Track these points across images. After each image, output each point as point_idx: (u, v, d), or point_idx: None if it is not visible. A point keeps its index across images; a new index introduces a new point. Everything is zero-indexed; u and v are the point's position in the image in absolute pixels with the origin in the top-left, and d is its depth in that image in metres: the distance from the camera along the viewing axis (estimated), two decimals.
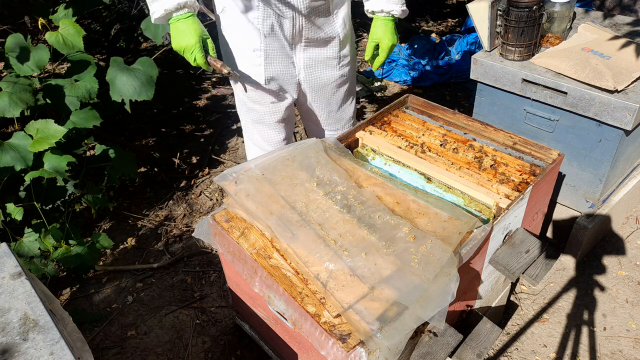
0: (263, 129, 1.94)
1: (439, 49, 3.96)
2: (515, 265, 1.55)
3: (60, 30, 2.19)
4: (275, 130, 1.94)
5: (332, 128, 2.06)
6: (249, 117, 1.94)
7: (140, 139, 3.32)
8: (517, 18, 1.92)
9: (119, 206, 2.77)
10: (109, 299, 2.27)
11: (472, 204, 1.58)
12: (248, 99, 1.86)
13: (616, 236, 2.40)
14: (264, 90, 1.80)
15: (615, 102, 1.77)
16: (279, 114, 1.89)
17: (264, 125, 1.93)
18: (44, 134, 2.05)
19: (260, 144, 2.00)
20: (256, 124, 1.94)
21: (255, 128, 1.95)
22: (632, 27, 2.17)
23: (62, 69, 3.22)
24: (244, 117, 1.97)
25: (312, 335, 1.25)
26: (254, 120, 1.92)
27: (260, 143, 2.00)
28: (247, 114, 1.92)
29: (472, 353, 1.50)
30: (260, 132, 1.96)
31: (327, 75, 1.85)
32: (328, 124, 2.04)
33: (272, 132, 1.95)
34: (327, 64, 1.82)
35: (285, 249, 1.36)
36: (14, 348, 1.01)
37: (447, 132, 1.84)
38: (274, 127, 1.93)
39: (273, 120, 1.91)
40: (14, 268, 1.17)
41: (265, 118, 1.90)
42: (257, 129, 1.95)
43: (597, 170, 1.98)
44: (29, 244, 2.13)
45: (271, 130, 1.94)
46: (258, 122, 1.92)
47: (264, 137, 1.97)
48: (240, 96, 1.89)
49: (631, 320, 2.04)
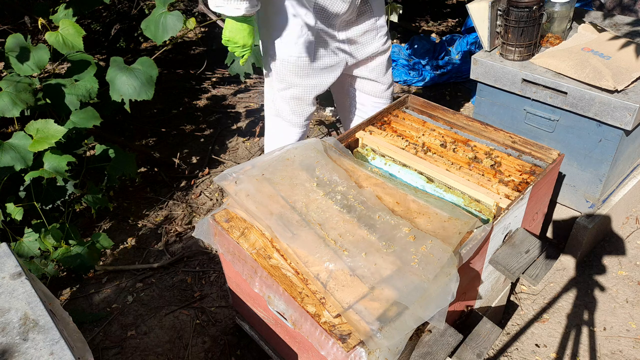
0: (298, 104, 1.98)
1: (439, 49, 3.96)
2: (515, 265, 1.55)
3: (60, 30, 2.19)
4: (310, 106, 2.01)
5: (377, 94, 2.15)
6: (287, 94, 1.95)
7: (140, 139, 3.32)
8: (517, 18, 1.92)
9: (119, 206, 2.77)
10: (109, 299, 2.27)
11: (472, 204, 1.58)
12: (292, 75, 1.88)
13: (616, 236, 2.40)
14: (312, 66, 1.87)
15: (615, 102, 1.77)
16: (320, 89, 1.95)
17: (300, 100, 1.97)
18: (44, 134, 2.05)
19: (291, 118, 2.03)
20: (293, 100, 1.97)
21: (288, 105, 1.99)
22: (632, 27, 2.17)
23: (62, 69, 3.22)
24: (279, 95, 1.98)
25: (312, 335, 1.25)
26: (292, 96, 1.95)
27: (290, 117, 2.03)
28: (287, 90, 1.94)
29: (472, 353, 1.50)
30: (292, 108, 1.99)
31: (369, 49, 1.94)
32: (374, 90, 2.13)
33: (307, 107, 2.01)
34: (367, 37, 1.91)
35: (285, 249, 1.36)
36: (14, 348, 1.01)
37: (447, 132, 1.84)
38: (310, 103, 2.00)
39: (311, 97, 1.97)
40: (14, 268, 1.17)
41: (304, 95, 1.95)
42: (290, 105, 1.99)
43: (597, 170, 1.98)
44: (29, 244, 2.13)
45: (306, 105, 2.00)
46: (296, 98, 1.96)
47: (296, 111, 2.01)
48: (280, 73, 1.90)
49: (631, 320, 2.04)
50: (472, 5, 2.03)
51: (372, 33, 1.92)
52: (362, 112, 2.23)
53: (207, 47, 4.48)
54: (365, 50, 1.95)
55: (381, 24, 1.93)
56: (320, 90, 1.95)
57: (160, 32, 2.35)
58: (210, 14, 2.52)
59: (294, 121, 2.04)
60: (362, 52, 1.95)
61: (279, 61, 1.87)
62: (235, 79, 3.98)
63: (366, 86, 2.12)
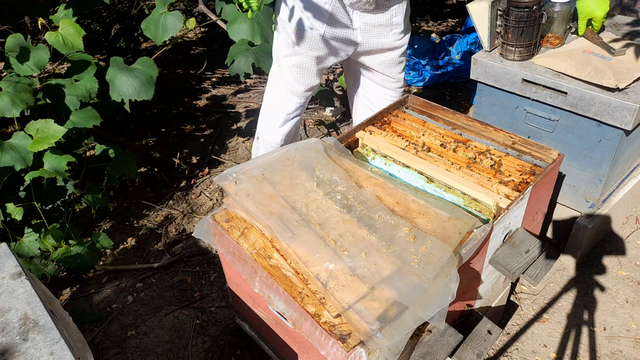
0: (300, 72, 1.99)
1: (439, 49, 3.96)
2: (515, 265, 1.55)
3: (60, 30, 2.19)
4: (313, 77, 2.02)
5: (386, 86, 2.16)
6: (292, 61, 1.96)
7: (140, 139, 3.32)
8: (517, 18, 1.92)
9: (119, 206, 2.77)
10: (109, 299, 2.27)
11: (472, 204, 1.58)
12: (300, 43, 1.90)
13: (616, 236, 2.40)
14: (321, 39, 1.87)
15: (615, 102, 1.77)
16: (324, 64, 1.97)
17: (303, 69, 1.98)
18: (44, 134, 2.05)
19: (293, 85, 2.03)
20: (296, 67, 1.98)
21: (291, 72, 1.99)
22: (632, 27, 2.17)
23: (62, 69, 3.22)
24: (283, 60, 1.99)
25: (312, 335, 1.25)
26: (296, 64, 1.96)
27: (292, 84, 2.03)
28: (291, 57, 1.95)
29: (472, 353, 1.50)
30: (294, 75, 2.00)
31: (381, 41, 1.94)
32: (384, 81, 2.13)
33: (310, 78, 2.02)
34: (381, 30, 1.91)
35: (285, 249, 1.36)
36: (14, 348, 1.01)
37: (447, 132, 1.84)
38: (314, 74, 2.01)
39: (314, 68, 1.98)
40: (14, 268, 1.17)
41: (308, 64, 1.96)
42: (292, 72, 2.00)
43: (597, 170, 1.98)
44: (29, 244, 2.13)
45: (309, 76, 2.01)
46: (299, 66, 1.97)
47: (298, 79, 2.01)
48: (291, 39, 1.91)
49: (631, 320, 2.04)
50: (472, 5, 2.03)
51: (387, 28, 1.92)
52: (370, 103, 2.23)
53: (207, 47, 4.49)
54: (376, 41, 1.95)
55: (397, 21, 1.92)
56: (324, 65, 1.97)
57: (160, 32, 2.36)
58: (210, 14, 2.52)
59: (295, 89, 2.03)
60: (373, 42, 1.95)
61: (290, 28, 1.88)
62: (235, 79, 3.98)
63: (376, 77, 2.13)
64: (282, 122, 2.11)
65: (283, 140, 2.17)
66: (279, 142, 2.17)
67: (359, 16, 1.86)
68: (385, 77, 2.11)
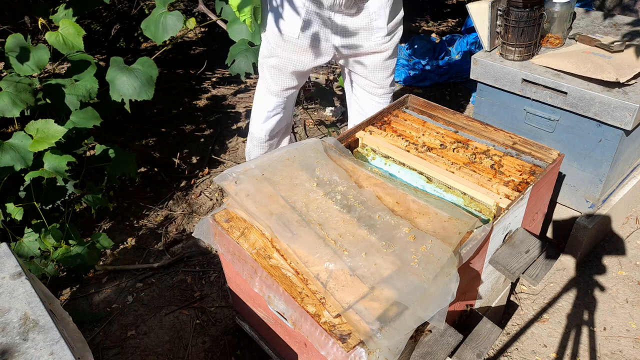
0: (277, 73, 2.04)
1: (439, 49, 3.96)
2: (515, 265, 1.55)
3: (60, 30, 2.19)
4: (289, 79, 2.06)
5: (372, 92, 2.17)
6: (270, 62, 2.02)
7: (140, 139, 3.32)
8: (517, 18, 1.92)
9: (119, 206, 2.77)
10: (109, 299, 2.27)
11: (472, 204, 1.58)
12: (277, 46, 1.95)
13: (616, 236, 2.40)
14: (296, 43, 1.91)
15: (615, 102, 1.77)
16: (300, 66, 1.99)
17: (279, 71, 2.02)
18: (44, 134, 2.05)
19: (270, 85, 2.10)
20: (273, 68, 2.03)
21: (269, 72, 2.06)
22: (632, 27, 2.17)
23: (62, 69, 3.22)
24: (262, 61, 2.06)
25: (312, 335, 1.25)
26: (273, 65, 2.02)
27: (270, 84, 2.10)
28: (269, 59, 2.01)
29: (472, 353, 1.50)
30: (272, 75, 2.06)
31: (362, 45, 1.95)
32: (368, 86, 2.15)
33: (286, 79, 2.06)
34: (361, 34, 1.92)
35: (285, 249, 1.36)
36: (14, 348, 1.01)
37: (447, 132, 1.84)
38: (289, 76, 2.05)
39: (289, 70, 2.01)
40: (14, 268, 1.17)
41: (283, 66, 2.00)
42: (270, 73, 2.06)
43: (597, 170, 1.98)
44: (29, 244, 2.13)
45: (285, 77, 2.05)
46: (276, 67, 2.02)
47: (275, 79, 2.07)
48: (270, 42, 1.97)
49: (631, 320, 2.04)
50: (472, 5, 2.03)
51: (367, 32, 1.92)
52: (360, 109, 2.25)
53: (207, 47, 4.49)
54: (356, 45, 1.95)
55: (379, 25, 1.92)
56: (300, 67, 1.99)
57: (160, 32, 2.35)
58: (210, 13, 2.52)
59: (272, 89, 2.10)
60: (353, 47, 1.95)
61: (269, 31, 1.95)
62: (235, 79, 3.98)
63: (361, 81, 2.15)
64: (263, 119, 2.20)
65: (267, 136, 2.25)
66: (262, 137, 2.25)
67: (340, 20, 1.87)
68: (370, 83, 2.12)
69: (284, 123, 2.27)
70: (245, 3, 1.82)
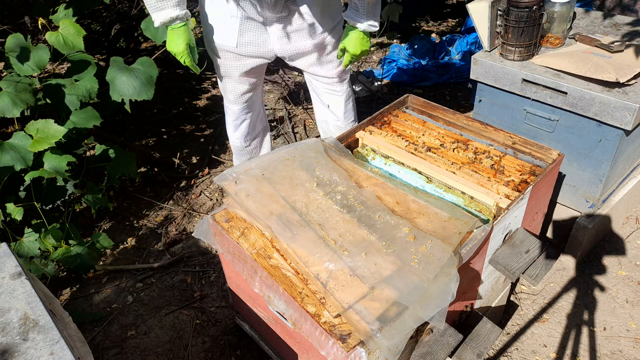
0: (227, 80, 2.09)
1: (439, 49, 3.96)
2: (515, 265, 1.55)
3: (61, 30, 2.19)
4: (238, 83, 2.10)
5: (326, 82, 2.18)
6: (218, 71, 2.09)
7: (140, 139, 3.32)
8: (517, 18, 1.92)
9: (119, 206, 2.77)
10: (109, 299, 2.27)
11: (472, 204, 1.58)
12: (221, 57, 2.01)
13: (616, 236, 2.40)
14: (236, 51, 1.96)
15: (615, 102, 1.77)
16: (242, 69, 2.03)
17: (228, 78, 2.08)
18: (44, 134, 2.05)
19: (225, 94, 2.17)
20: (221, 77, 2.09)
21: (220, 80, 2.14)
22: (632, 27, 2.17)
23: (62, 69, 3.22)
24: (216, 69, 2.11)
25: (312, 335, 1.25)
26: (220, 74, 2.08)
27: (224, 93, 2.17)
28: (218, 67, 2.07)
29: (472, 353, 1.50)
30: (223, 84, 2.13)
31: (299, 46, 1.96)
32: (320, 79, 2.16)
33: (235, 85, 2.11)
34: (298, 35, 1.93)
35: (285, 249, 1.36)
36: (14, 348, 1.01)
37: (447, 132, 1.84)
38: (236, 80, 2.09)
39: (235, 74, 2.06)
40: (14, 268, 1.17)
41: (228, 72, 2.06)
42: (221, 81, 2.12)
43: (597, 170, 1.98)
44: (29, 244, 2.13)
45: (234, 82, 2.10)
46: (223, 75, 2.07)
47: (226, 88, 2.13)
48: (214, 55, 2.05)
49: (631, 320, 2.04)
50: (472, 5, 2.03)
51: (303, 32, 1.92)
52: (318, 98, 2.27)
53: None
54: (296, 47, 1.96)
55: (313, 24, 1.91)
56: (243, 70, 2.03)
57: (160, 32, 2.36)
58: None
59: (229, 97, 2.15)
60: (294, 49, 1.96)
61: (209, 47, 2.02)
62: None
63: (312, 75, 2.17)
64: (233, 128, 2.28)
65: (244, 142, 2.31)
66: (239, 145, 2.33)
67: (274, 23, 1.87)
68: (319, 77, 2.13)
69: (258, 126, 2.32)
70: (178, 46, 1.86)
